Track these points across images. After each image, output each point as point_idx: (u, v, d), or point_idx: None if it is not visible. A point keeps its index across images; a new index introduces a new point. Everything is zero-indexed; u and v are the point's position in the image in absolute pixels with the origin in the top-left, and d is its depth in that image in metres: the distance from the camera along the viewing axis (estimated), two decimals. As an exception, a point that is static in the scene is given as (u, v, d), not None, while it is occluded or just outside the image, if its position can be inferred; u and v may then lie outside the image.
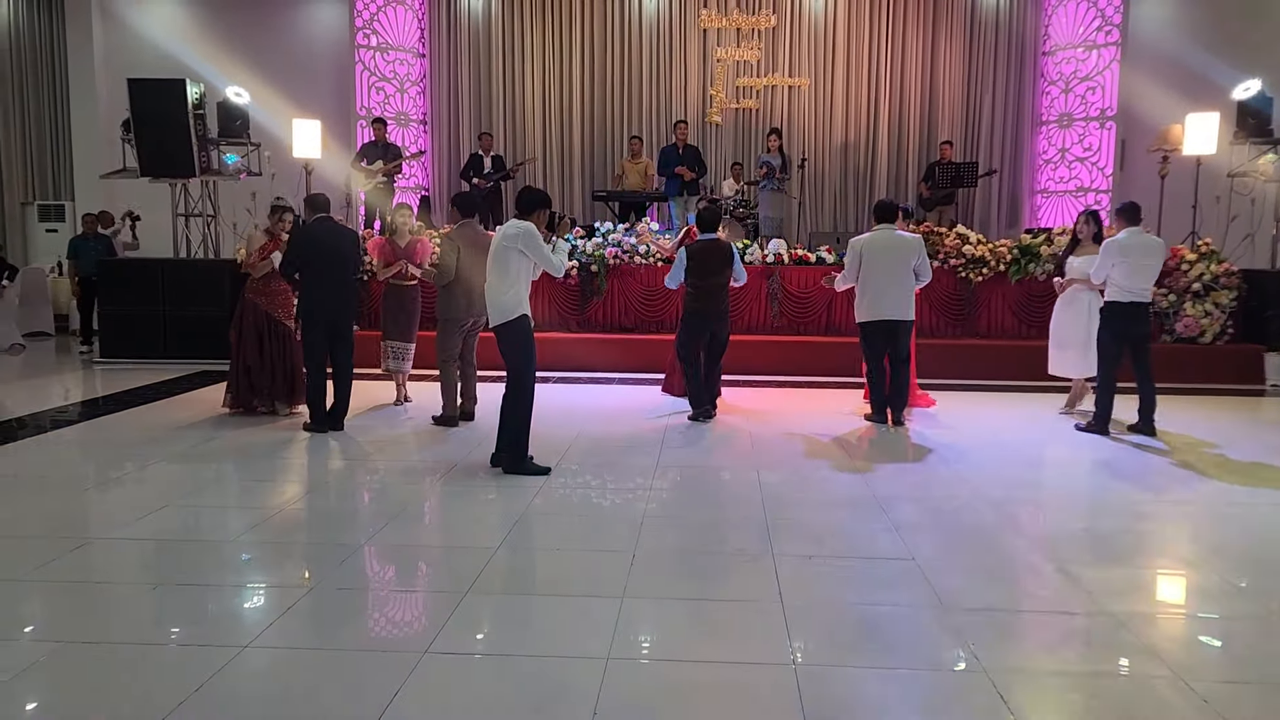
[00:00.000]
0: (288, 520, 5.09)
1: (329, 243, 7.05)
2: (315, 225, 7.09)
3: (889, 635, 3.62)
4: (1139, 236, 7.12)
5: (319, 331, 7.03)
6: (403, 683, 3.15)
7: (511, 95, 14.89)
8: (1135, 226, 7.17)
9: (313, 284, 7.02)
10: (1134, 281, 7.05)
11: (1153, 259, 7.15)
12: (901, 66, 14.43)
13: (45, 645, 3.44)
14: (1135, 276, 7.06)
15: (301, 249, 7.02)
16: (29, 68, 15.23)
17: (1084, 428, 7.31)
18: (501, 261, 5.86)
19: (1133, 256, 7.02)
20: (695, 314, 7.70)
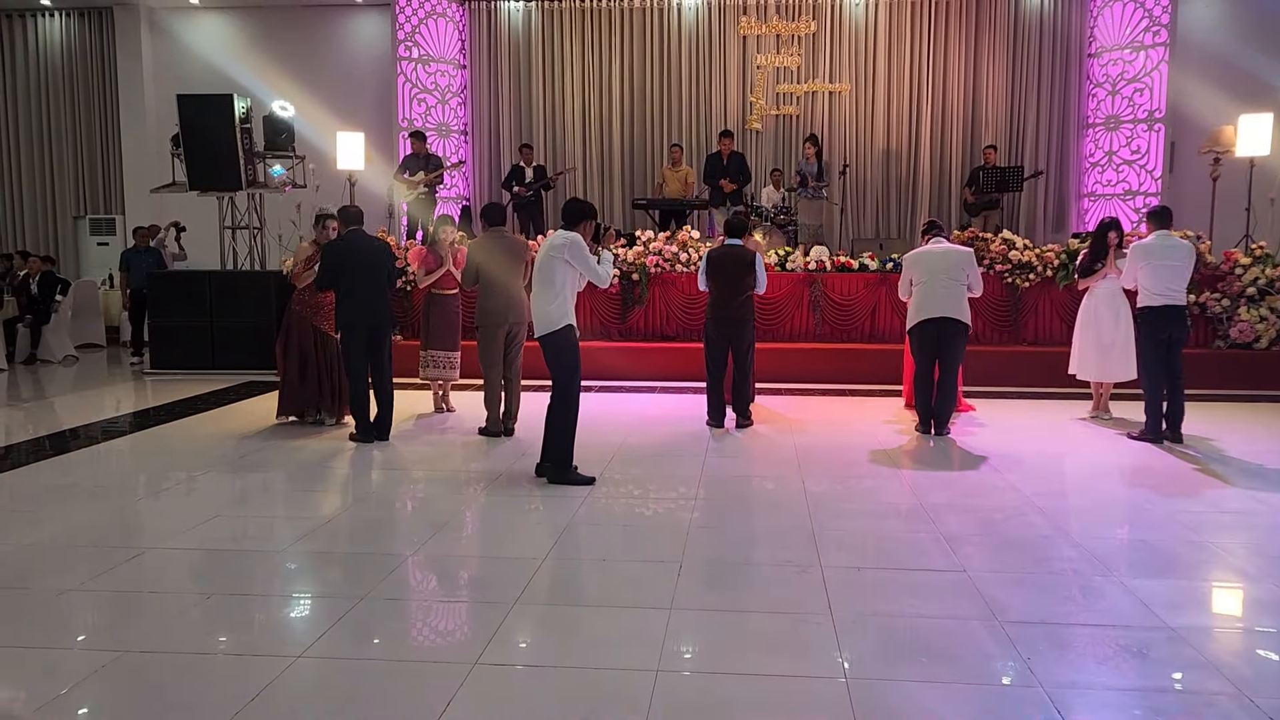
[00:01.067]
0: (336, 530, 5.13)
1: (362, 252, 7.12)
2: (349, 236, 7.17)
3: (941, 648, 3.57)
4: (1164, 239, 7.11)
5: (359, 341, 7.09)
6: (454, 694, 3.16)
7: (551, 105, 14.96)
8: (1164, 230, 7.15)
9: (348, 294, 7.07)
10: (1160, 284, 7.04)
11: (1177, 260, 7.11)
12: (944, 70, 14.31)
13: (103, 655, 3.49)
14: (1160, 279, 7.03)
15: (334, 259, 7.08)
16: (80, 84, 15.57)
17: (1136, 436, 7.18)
18: (547, 272, 5.85)
19: (1154, 259, 7.05)
20: (711, 320, 7.76)
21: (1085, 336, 8.00)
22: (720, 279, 7.66)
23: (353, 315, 7.06)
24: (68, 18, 15.50)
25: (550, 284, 5.84)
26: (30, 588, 4.21)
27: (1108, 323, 7.84)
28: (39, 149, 15.68)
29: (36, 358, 11.96)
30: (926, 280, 7.41)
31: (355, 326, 7.07)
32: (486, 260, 7.15)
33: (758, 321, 10.32)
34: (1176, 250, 7.11)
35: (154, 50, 15.31)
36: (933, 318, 7.37)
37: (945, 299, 7.37)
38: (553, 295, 5.84)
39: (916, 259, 7.56)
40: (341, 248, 7.12)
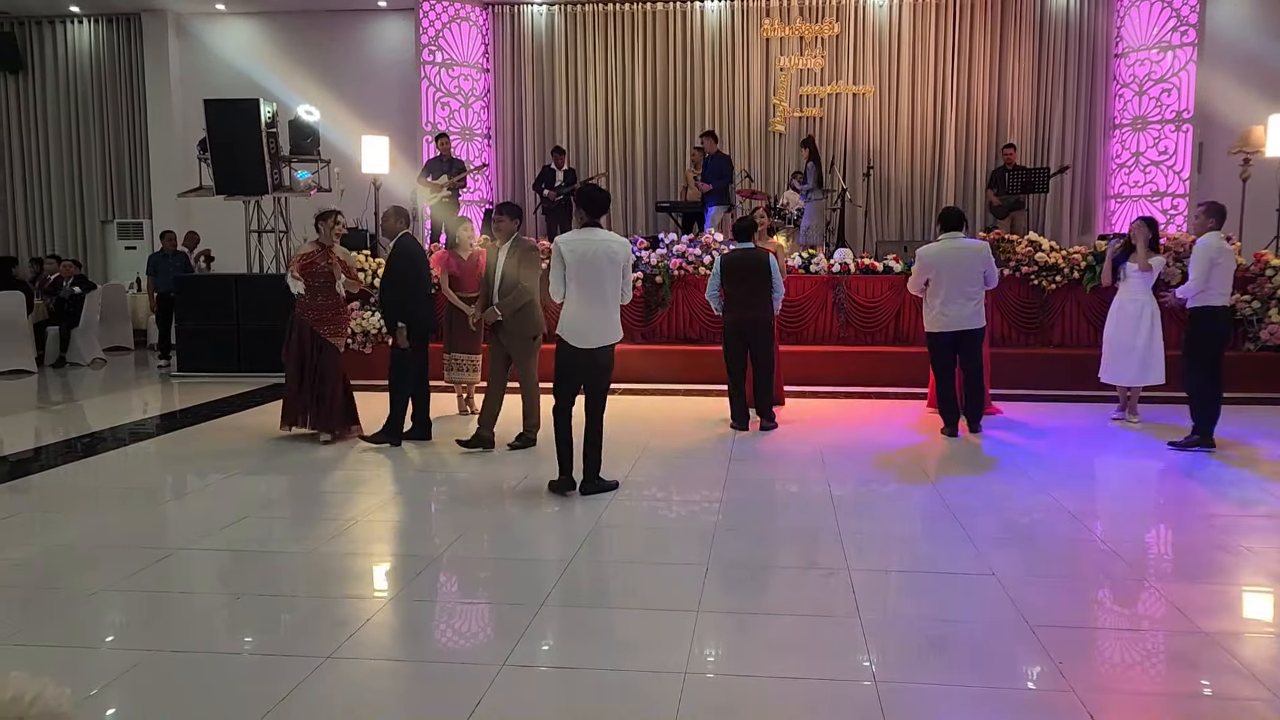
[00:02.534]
0: (362, 532, 5.15)
1: (422, 255, 7.25)
2: (412, 238, 7.18)
3: (971, 652, 3.54)
4: (1221, 239, 6.97)
5: (424, 347, 7.20)
6: (482, 695, 3.16)
7: (574, 108, 14.99)
8: (1220, 229, 7.01)
9: (419, 297, 7.11)
10: (1227, 285, 6.90)
11: (1232, 262, 7.03)
12: (969, 71, 14.22)
13: (133, 655, 3.52)
14: (1227, 281, 6.92)
15: (415, 262, 7.08)
16: (109, 90, 15.74)
17: (1183, 445, 6.92)
18: (613, 275, 5.62)
19: (1225, 260, 6.86)
20: (729, 324, 7.73)
21: (1107, 338, 7.96)
22: (735, 282, 7.64)
23: (422, 319, 7.14)
24: (96, 24, 15.68)
25: (618, 290, 5.66)
26: (61, 588, 4.25)
27: (1128, 325, 7.76)
28: (68, 154, 15.86)
29: (66, 360, 12.09)
30: (946, 289, 7.30)
31: (424, 331, 7.20)
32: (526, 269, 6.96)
33: (783, 323, 10.35)
34: (1231, 252, 7.03)
35: (181, 56, 15.45)
36: (951, 331, 7.34)
37: (963, 310, 7.31)
38: (617, 301, 5.68)
39: (933, 261, 7.39)
40: (419, 250, 7.16)
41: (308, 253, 7.15)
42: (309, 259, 7.12)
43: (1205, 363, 6.90)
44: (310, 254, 7.13)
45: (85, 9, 15.44)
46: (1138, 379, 7.85)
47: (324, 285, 7.10)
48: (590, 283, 5.52)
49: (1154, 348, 7.71)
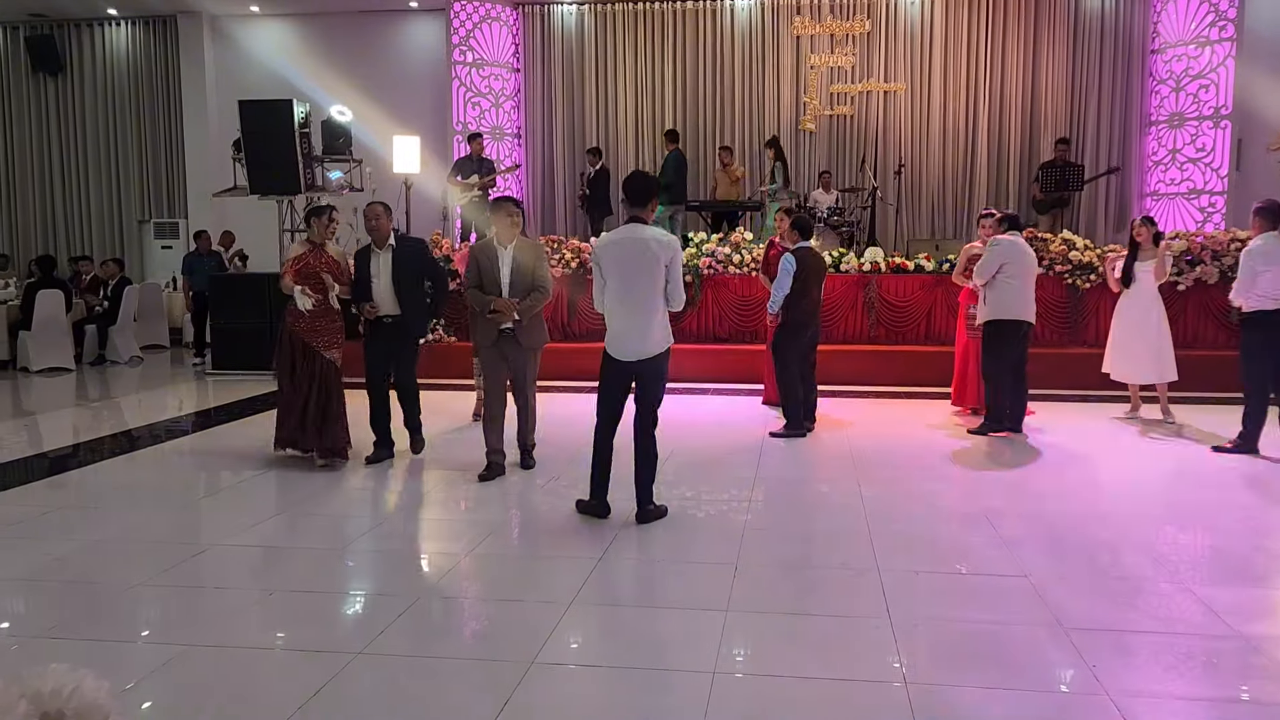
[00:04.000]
0: (393, 530, 5.19)
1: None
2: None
3: (1003, 654, 3.51)
4: (1275, 241, 6.76)
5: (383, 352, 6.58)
6: (511, 692, 3.18)
7: (604, 107, 15.00)
8: (1274, 230, 6.79)
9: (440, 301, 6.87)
10: (1275, 287, 6.73)
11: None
12: (1002, 68, 14.08)
13: (169, 649, 3.57)
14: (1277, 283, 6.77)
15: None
16: (145, 91, 15.95)
17: (1230, 448, 6.80)
18: (651, 276, 4.96)
19: (1277, 264, 6.69)
20: (800, 325, 7.59)
21: (1114, 336, 7.99)
22: (807, 281, 7.53)
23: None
24: (133, 26, 15.89)
25: (659, 291, 5.00)
26: (99, 583, 4.31)
27: (1134, 323, 7.76)
28: (106, 155, 16.09)
29: (104, 358, 12.27)
30: (1021, 279, 7.30)
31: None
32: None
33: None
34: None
35: (216, 57, 15.62)
36: (1025, 319, 7.34)
37: (1032, 302, 7.41)
38: (662, 304, 5.04)
39: (1012, 252, 7.32)
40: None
41: (300, 254, 6.42)
42: (302, 261, 6.36)
43: (1252, 369, 6.79)
44: (303, 255, 6.41)
45: (122, 11, 15.65)
46: (1153, 377, 7.78)
47: (315, 286, 6.38)
48: (628, 287, 4.95)
49: (1164, 344, 7.69)
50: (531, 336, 6.10)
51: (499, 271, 5.97)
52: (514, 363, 6.08)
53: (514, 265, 5.95)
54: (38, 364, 11.37)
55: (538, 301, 6.02)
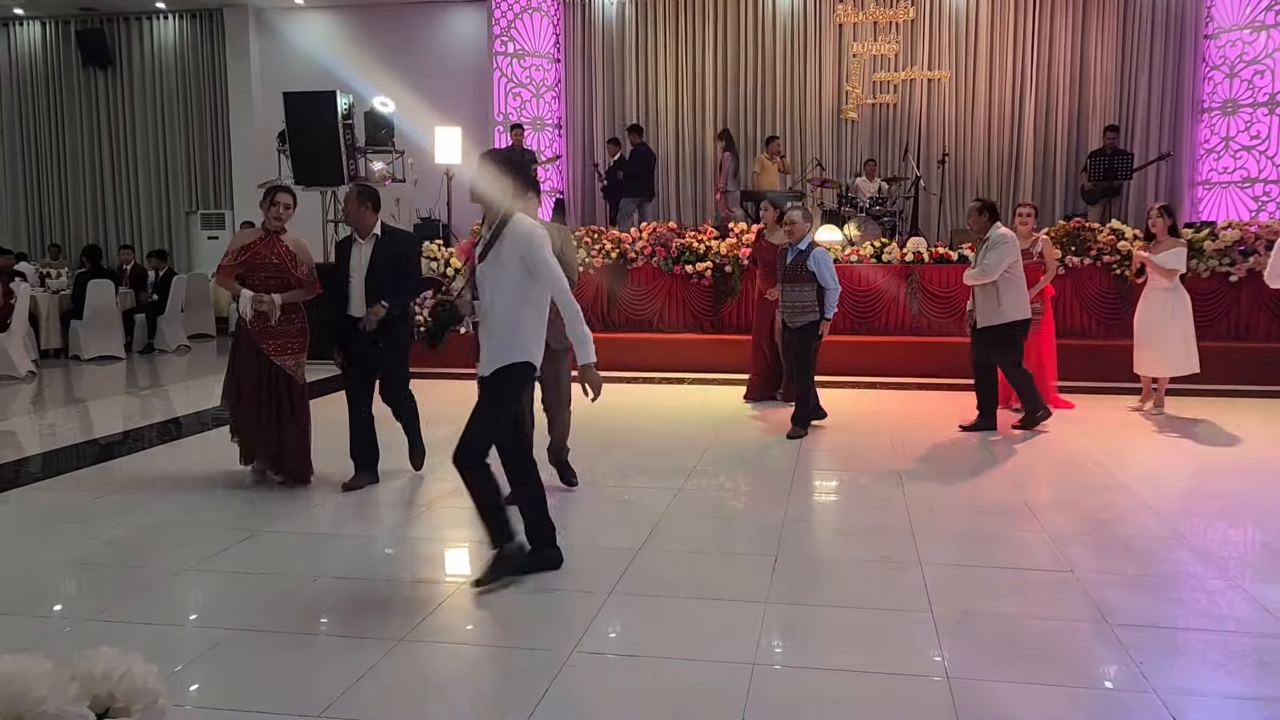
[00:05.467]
0: (435, 518, 5.23)
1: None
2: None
3: (1048, 650, 3.46)
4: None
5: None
6: (551, 681, 3.19)
7: (645, 98, 14.97)
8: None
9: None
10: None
11: None
12: (1049, 55, 13.84)
13: (216, 633, 3.62)
14: None
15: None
16: (193, 84, 16.19)
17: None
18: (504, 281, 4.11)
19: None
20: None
21: (1137, 330, 7.83)
22: None
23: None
24: (180, 20, 16.13)
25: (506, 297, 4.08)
26: (147, 567, 4.39)
27: (1159, 317, 7.60)
28: (154, 147, 16.36)
29: (153, 347, 12.51)
30: (1021, 273, 7.12)
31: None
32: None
33: (854, 313, 10.23)
34: None
35: (261, 49, 15.81)
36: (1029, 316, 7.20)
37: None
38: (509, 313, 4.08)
39: (1016, 246, 7.13)
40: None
41: (248, 244, 5.48)
42: (250, 251, 5.43)
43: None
44: (251, 245, 5.46)
45: (170, 5, 15.88)
46: (1175, 369, 7.64)
47: (269, 284, 5.46)
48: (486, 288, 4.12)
49: (1188, 337, 7.55)
50: (561, 335, 4.77)
51: None
52: (542, 367, 4.74)
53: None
54: (89, 352, 11.60)
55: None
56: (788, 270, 7.05)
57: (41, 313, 11.87)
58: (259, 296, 5.42)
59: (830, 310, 6.96)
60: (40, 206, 16.83)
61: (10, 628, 3.71)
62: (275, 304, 5.46)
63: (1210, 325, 9.28)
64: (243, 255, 5.46)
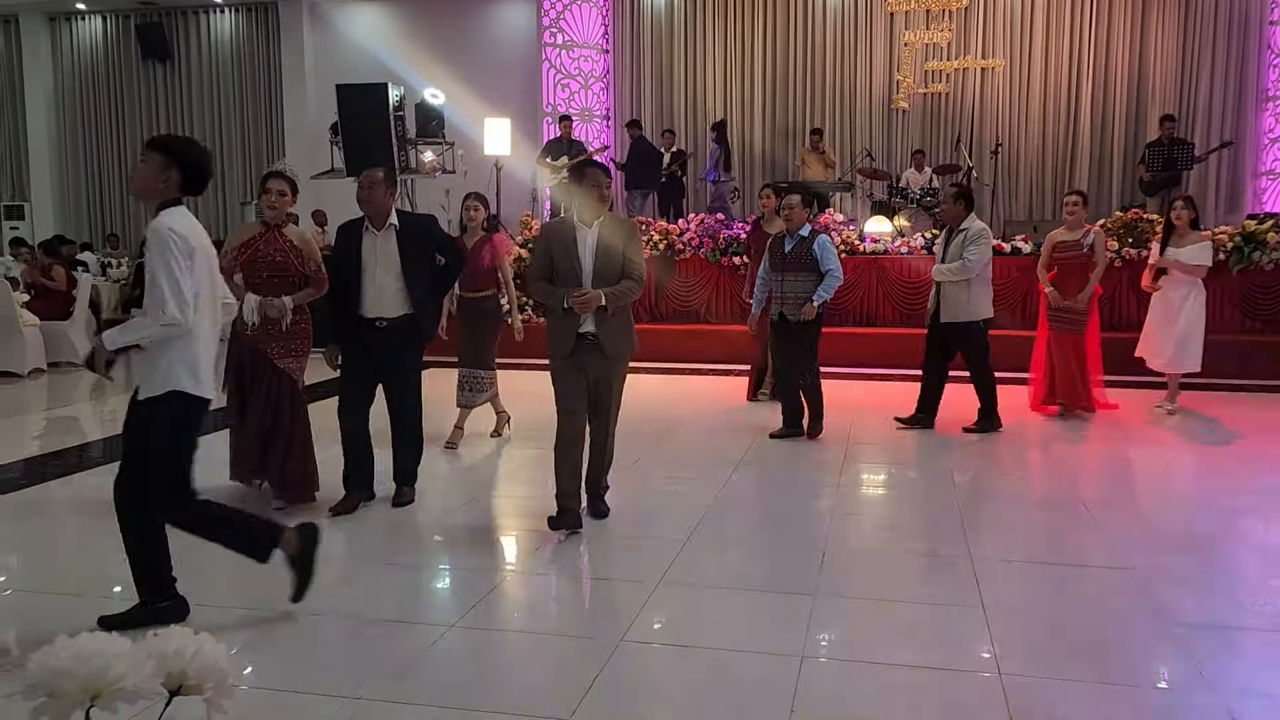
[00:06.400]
0: (483, 507, 5.28)
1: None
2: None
3: (1104, 647, 3.41)
4: None
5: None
6: (600, 669, 3.21)
7: (692, 88, 14.92)
8: None
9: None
10: None
11: None
12: (1107, 42, 13.54)
13: (271, 615, 3.69)
14: None
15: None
16: (248, 77, 16.46)
17: None
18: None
19: None
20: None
21: (1147, 323, 7.62)
22: None
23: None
24: (236, 14, 16.38)
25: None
26: (205, 549, 4.47)
27: (1168, 310, 7.38)
28: (211, 138, 16.64)
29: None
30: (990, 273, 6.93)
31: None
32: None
33: (903, 306, 10.13)
34: None
35: (314, 42, 16.01)
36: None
37: None
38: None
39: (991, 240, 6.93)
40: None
41: (246, 240, 4.93)
42: (250, 249, 4.89)
43: None
44: (251, 241, 4.91)
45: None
46: (1171, 365, 7.42)
47: (272, 282, 4.92)
48: None
49: (1192, 333, 7.30)
50: (619, 342, 4.64)
51: (579, 257, 4.54)
52: (596, 378, 4.64)
53: (600, 249, 4.54)
54: (148, 340, 11.84)
55: (630, 292, 4.60)
56: (787, 259, 6.54)
57: (103, 301, 12.16)
58: (268, 301, 4.85)
59: (825, 295, 6.45)
60: (100, 197, 17.22)
61: (72, 607, 3.81)
62: (287, 308, 4.91)
63: (1274, 319, 9.06)
64: (242, 253, 4.88)
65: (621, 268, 4.57)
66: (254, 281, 4.89)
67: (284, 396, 5.00)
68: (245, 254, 4.87)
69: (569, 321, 4.56)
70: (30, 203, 17.02)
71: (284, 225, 4.96)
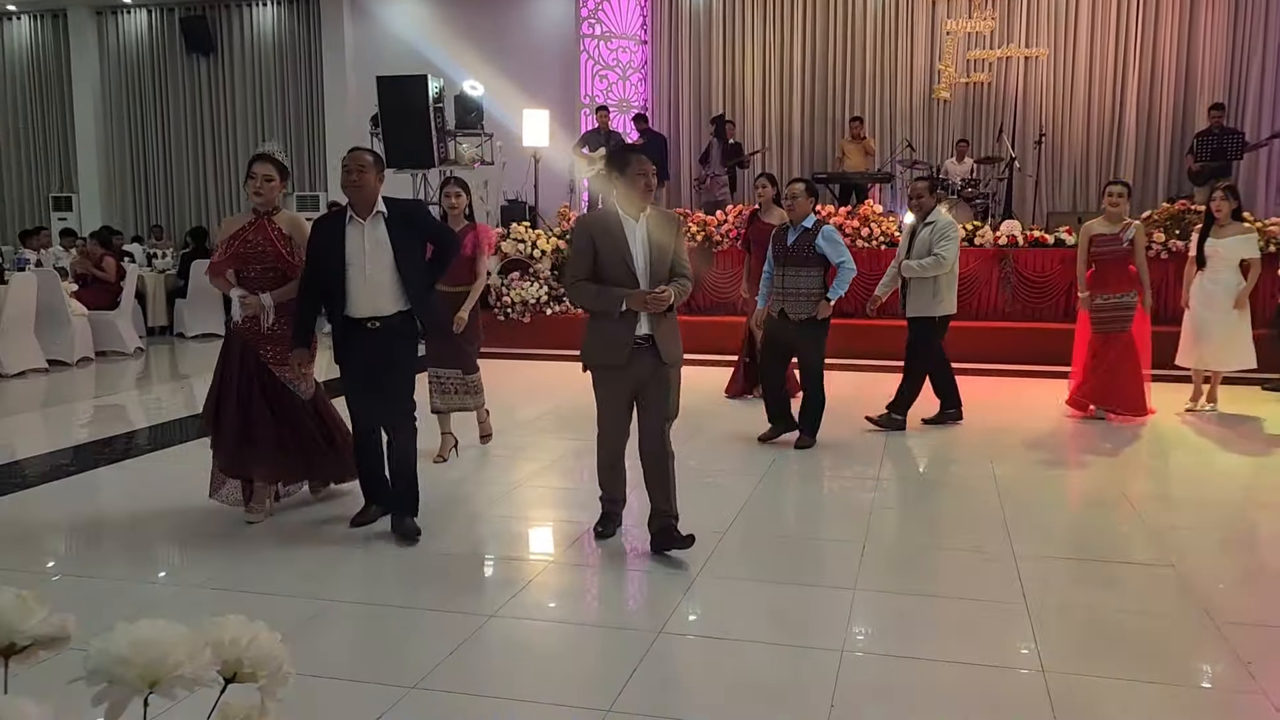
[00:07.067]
0: (523, 497, 5.31)
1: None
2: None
3: (1149, 646, 3.36)
4: None
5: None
6: (640, 660, 3.21)
7: (731, 78, 14.84)
8: None
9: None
10: None
11: None
12: (1154, 28, 13.27)
13: (315, 604, 3.74)
14: None
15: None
16: (289, 69, 16.61)
17: None
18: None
19: None
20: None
21: (1186, 320, 7.36)
22: None
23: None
24: (278, 7, 16.53)
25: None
26: (252, 538, 4.54)
27: (1209, 306, 7.14)
28: (253, 130, 16.83)
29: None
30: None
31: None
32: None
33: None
34: None
35: (355, 34, 16.12)
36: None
37: None
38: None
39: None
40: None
41: (237, 230, 4.55)
42: (239, 240, 4.51)
43: None
44: (239, 232, 4.53)
45: (269, -8, 16.32)
46: (1218, 363, 7.22)
47: (265, 277, 4.55)
48: None
49: (1239, 329, 7.08)
50: (674, 346, 4.25)
51: (630, 254, 4.14)
52: (650, 387, 4.20)
53: (650, 245, 4.17)
54: (193, 330, 12.05)
55: (686, 291, 4.26)
56: (789, 253, 6.12)
57: (149, 291, 12.35)
58: (244, 297, 4.47)
59: (840, 290, 6.04)
60: (145, 189, 17.48)
61: (120, 592, 3.89)
62: (266, 306, 4.48)
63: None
64: (232, 245, 4.51)
65: (671, 264, 4.20)
66: (247, 275, 4.52)
67: (285, 405, 4.64)
68: (234, 246, 4.50)
69: (624, 325, 4.10)
70: (78, 194, 17.32)
71: (275, 213, 4.55)
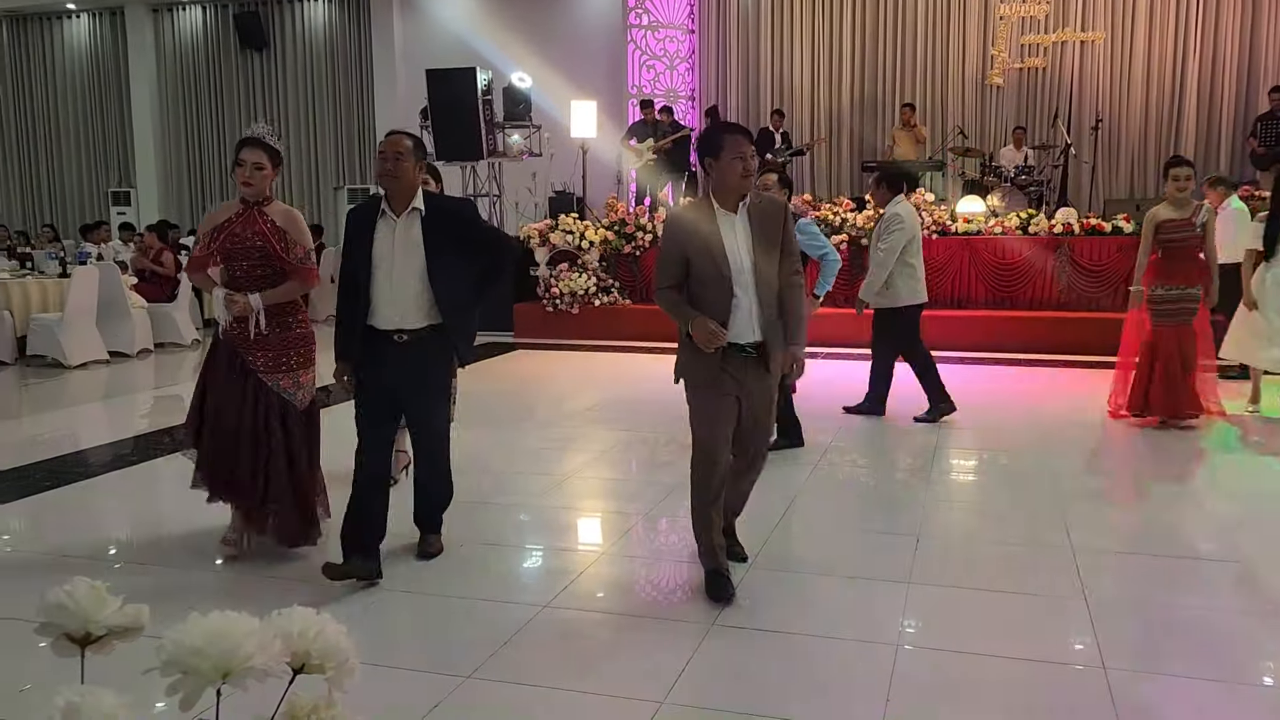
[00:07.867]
0: (575, 488, 5.33)
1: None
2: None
3: (1212, 643, 3.29)
4: None
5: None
6: (693, 653, 3.21)
7: (780, 67, 14.73)
8: None
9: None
10: None
11: None
12: (1216, 11, 12.94)
13: (370, 594, 3.77)
14: None
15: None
16: (339, 64, 16.82)
17: None
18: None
19: None
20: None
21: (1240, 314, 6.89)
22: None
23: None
24: (329, 2, 16.73)
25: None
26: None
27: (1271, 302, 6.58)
28: (305, 125, 17.07)
29: (306, 317, 13.10)
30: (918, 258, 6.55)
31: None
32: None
33: (997, 287, 9.88)
34: None
35: (404, 28, 16.26)
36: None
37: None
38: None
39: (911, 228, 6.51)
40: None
41: (223, 223, 3.99)
42: (225, 233, 3.96)
43: None
44: (225, 224, 3.99)
45: (319, -12, 16.51)
46: (1241, 355, 6.89)
47: (255, 275, 4.00)
48: None
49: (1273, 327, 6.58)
50: (780, 352, 3.66)
51: (727, 256, 3.49)
52: (755, 399, 3.65)
53: (751, 241, 3.53)
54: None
55: (797, 300, 3.66)
56: None
57: (204, 284, 12.57)
58: (230, 295, 3.93)
59: (825, 287, 5.69)
60: (201, 183, 17.80)
61: (172, 581, 3.95)
62: (252, 306, 3.93)
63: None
64: (217, 239, 3.97)
65: (780, 261, 3.58)
66: (233, 272, 3.98)
67: (272, 417, 4.02)
68: (220, 239, 3.96)
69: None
70: (135, 189, 17.70)
71: (267, 203, 4.03)
